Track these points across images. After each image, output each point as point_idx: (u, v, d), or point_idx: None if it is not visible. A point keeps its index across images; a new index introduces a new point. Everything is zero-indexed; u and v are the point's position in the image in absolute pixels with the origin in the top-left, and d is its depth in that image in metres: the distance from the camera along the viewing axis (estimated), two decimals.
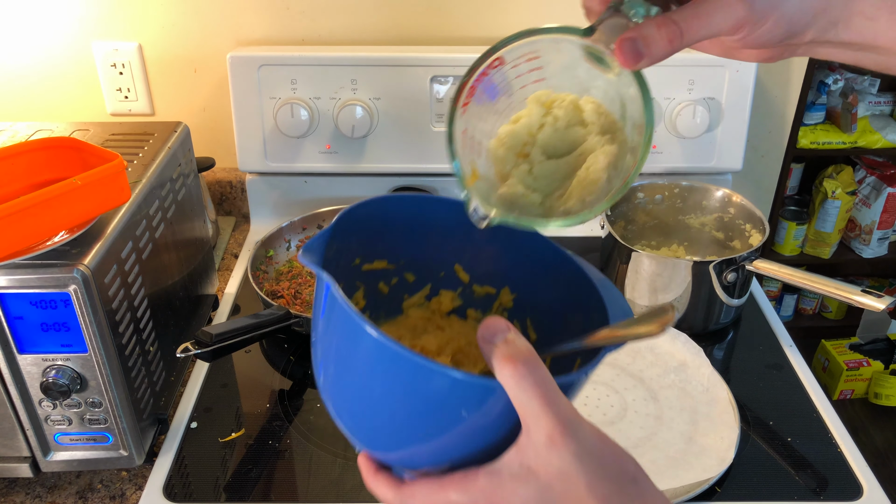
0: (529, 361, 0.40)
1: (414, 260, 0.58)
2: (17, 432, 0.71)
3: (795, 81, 1.24)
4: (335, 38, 1.19)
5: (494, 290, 0.59)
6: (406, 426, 0.44)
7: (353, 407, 0.47)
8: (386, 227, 0.55)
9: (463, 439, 0.43)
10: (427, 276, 0.59)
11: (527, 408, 0.39)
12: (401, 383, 0.42)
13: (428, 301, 0.59)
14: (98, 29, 1.16)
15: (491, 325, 0.42)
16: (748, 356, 0.97)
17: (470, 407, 0.41)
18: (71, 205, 0.65)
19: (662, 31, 0.42)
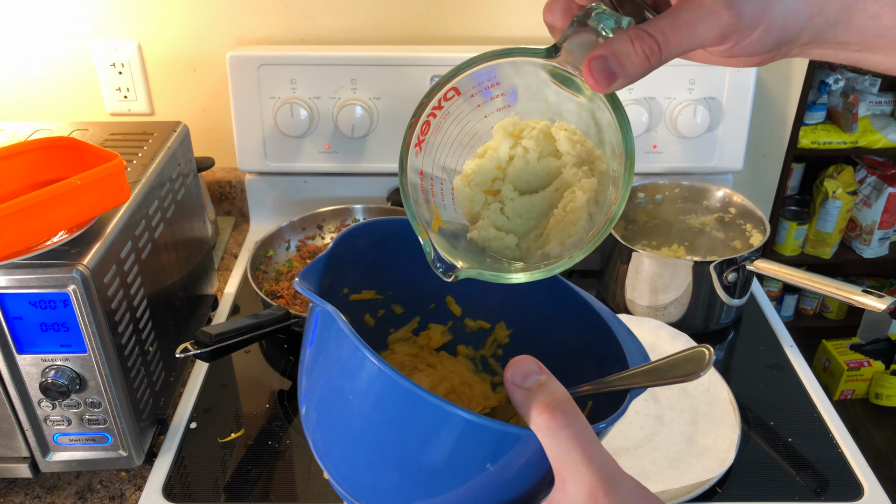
0: (569, 411, 0.36)
1: (403, 290, 0.54)
2: (16, 433, 0.71)
3: (796, 81, 1.24)
4: (335, 38, 1.19)
5: (489, 324, 0.55)
6: (416, 477, 0.38)
7: (350, 455, 0.40)
8: (382, 253, 0.51)
9: (481, 494, 0.38)
10: (416, 308, 0.55)
11: (565, 461, 0.36)
12: (414, 428, 0.37)
13: (416, 336, 0.55)
14: (97, 28, 1.16)
15: (522, 366, 0.38)
16: (749, 356, 0.97)
17: (493, 457, 0.37)
18: (70, 205, 0.65)
19: (637, 47, 0.36)
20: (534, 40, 1.19)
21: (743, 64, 0.43)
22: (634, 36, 0.36)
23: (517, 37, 1.19)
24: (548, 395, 0.37)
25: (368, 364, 0.36)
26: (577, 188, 0.42)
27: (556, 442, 0.36)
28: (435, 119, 0.42)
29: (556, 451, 0.36)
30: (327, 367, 0.40)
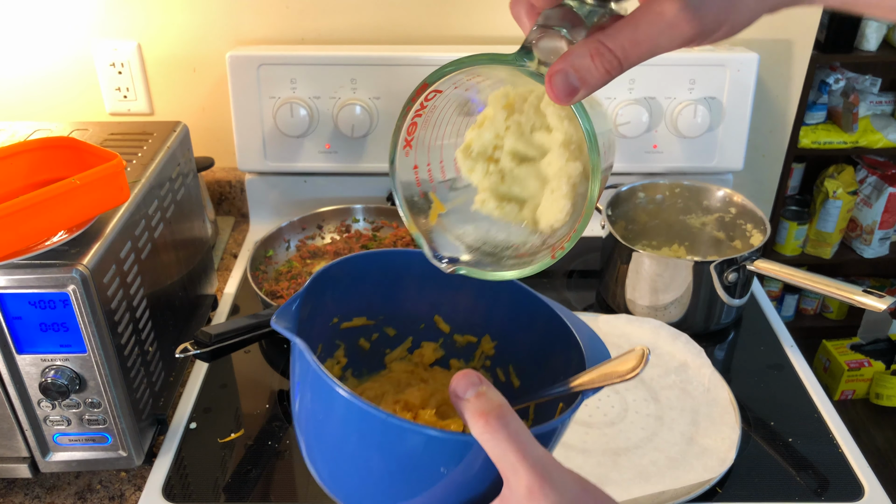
0: (502, 415, 0.39)
1: (393, 314, 0.58)
2: (15, 433, 0.71)
3: (796, 81, 1.24)
4: (335, 38, 1.19)
5: (476, 338, 0.58)
6: (387, 485, 0.44)
7: (333, 468, 0.46)
8: (360, 284, 0.55)
9: (446, 495, 0.42)
10: (407, 329, 0.58)
11: (503, 461, 0.39)
12: (376, 442, 0.42)
13: (410, 354, 0.59)
14: (97, 28, 1.16)
15: (462, 380, 0.41)
16: (749, 356, 0.97)
17: (449, 463, 0.41)
18: (70, 204, 0.65)
19: (597, 62, 0.37)
20: None
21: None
22: (594, 51, 0.36)
23: (517, 36, 1.18)
24: (485, 402, 0.40)
25: (329, 388, 0.41)
26: (564, 174, 0.43)
27: (493, 444, 0.39)
28: (421, 118, 0.43)
29: (494, 453, 0.39)
30: (304, 391, 0.46)
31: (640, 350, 0.44)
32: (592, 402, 0.86)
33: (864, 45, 1.87)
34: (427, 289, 0.56)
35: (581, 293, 1.08)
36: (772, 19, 1.30)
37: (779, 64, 1.22)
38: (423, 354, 0.59)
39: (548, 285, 1.10)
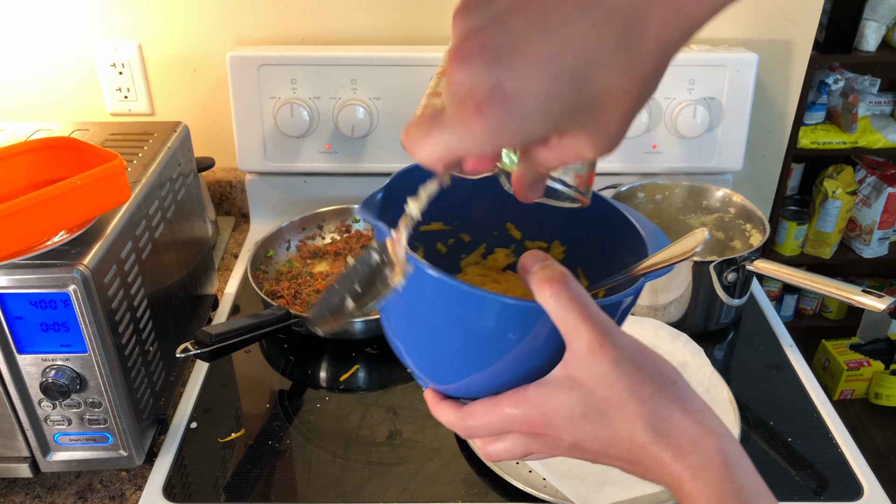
0: (564, 280, 0.42)
1: (467, 221, 0.61)
2: (16, 432, 0.71)
3: (796, 81, 1.24)
4: (335, 38, 1.19)
5: (546, 244, 0.62)
6: (463, 355, 0.47)
7: (415, 343, 0.50)
8: (436, 195, 0.54)
9: (515, 364, 0.45)
10: (481, 235, 0.62)
11: (566, 322, 0.42)
12: (456, 313, 0.45)
13: (484, 259, 0.63)
14: (98, 29, 1.16)
15: (529, 257, 0.44)
16: (748, 356, 0.97)
17: (518, 330, 0.44)
18: (70, 205, 0.65)
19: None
20: None
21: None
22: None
23: None
24: (549, 271, 0.43)
25: (416, 267, 0.44)
26: None
27: (557, 307, 0.42)
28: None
29: (558, 315, 0.42)
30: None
31: (698, 232, 0.47)
32: None
33: (864, 46, 1.87)
34: (499, 198, 0.57)
35: None
36: (771, 19, 1.31)
37: (778, 64, 1.22)
38: (497, 259, 0.62)
39: None
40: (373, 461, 0.79)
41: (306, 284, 1.01)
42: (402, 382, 0.91)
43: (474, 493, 0.76)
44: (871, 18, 1.85)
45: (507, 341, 0.45)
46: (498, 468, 0.76)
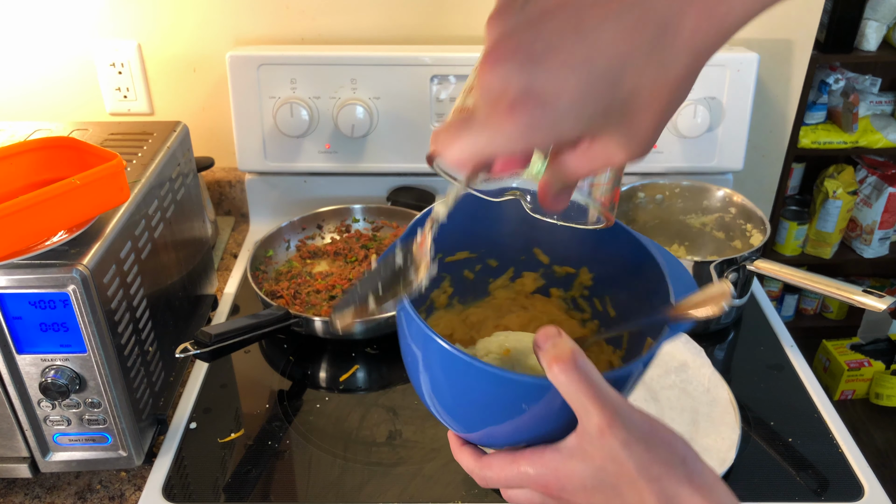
0: (574, 360, 0.43)
1: (494, 247, 0.61)
2: (15, 433, 0.71)
3: (796, 81, 1.24)
4: (335, 38, 1.19)
5: (574, 269, 0.61)
6: (482, 410, 0.49)
7: (435, 391, 0.52)
8: (460, 222, 0.56)
9: (532, 425, 0.47)
10: (509, 260, 0.62)
11: (576, 402, 0.43)
12: (471, 382, 0.47)
13: (512, 282, 0.63)
14: (97, 28, 1.16)
15: (542, 334, 0.46)
16: (749, 356, 0.97)
17: (531, 401, 0.46)
18: (70, 204, 0.65)
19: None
20: None
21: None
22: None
23: None
24: (559, 349, 0.43)
25: (428, 338, 0.47)
26: None
27: (567, 387, 0.43)
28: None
29: (568, 395, 0.43)
30: (406, 334, 0.51)
31: (723, 286, 0.47)
32: None
33: (864, 45, 1.87)
34: (524, 223, 0.58)
35: None
36: (772, 19, 1.31)
37: (779, 64, 1.22)
38: (525, 283, 0.63)
39: None
40: (372, 461, 0.79)
41: (306, 284, 1.01)
42: (402, 382, 0.91)
43: (474, 493, 0.76)
44: (872, 18, 1.84)
45: (522, 409, 0.47)
46: None
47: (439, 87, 1.13)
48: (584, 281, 0.61)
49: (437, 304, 0.63)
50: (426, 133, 1.16)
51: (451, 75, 1.12)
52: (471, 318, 0.63)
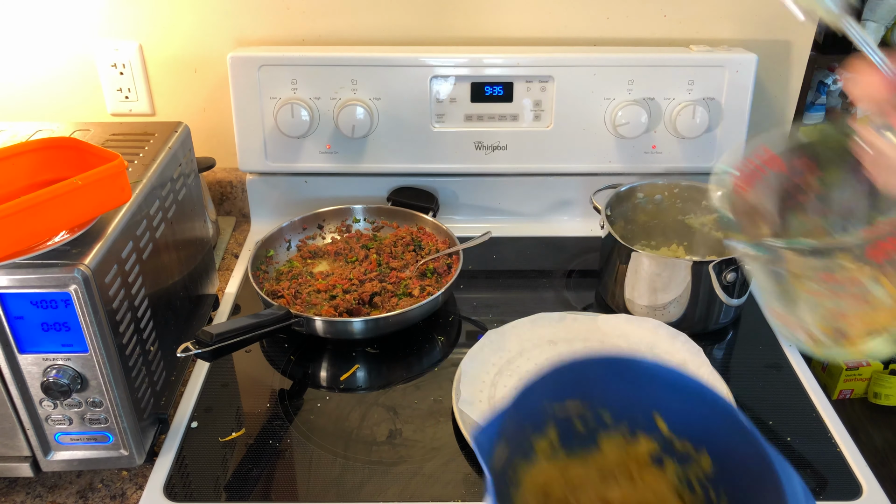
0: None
1: (609, 401, 0.55)
2: (17, 432, 0.71)
3: (795, 81, 1.24)
4: (335, 38, 1.19)
5: (694, 449, 0.55)
6: None
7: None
8: (575, 376, 0.54)
9: None
10: (624, 417, 0.56)
11: None
12: None
13: (626, 443, 0.56)
14: (98, 29, 1.16)
15: None
16: (748, 356, 0.97)
17: None
18: (71, 205, 0.65)
19: None
20: (532, 41, 1.19)
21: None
22: None
23: (517, 37, 1.19)
24: None
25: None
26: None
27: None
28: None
29: None
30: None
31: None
32: None
33: None
34: (641, 382, 0.54)
35: (580, 293, 1.08)
36: (770, 20, 1.30)
37: (777, 64, 1.22)
38: (638, 448, 0.56)
39: (547, 285, 1.10)
40: (373, 461, 0.79)
41: (307, 284, 1.01)
42: (402, 382, 0.91)
43: (474, 492, 0.76)
44: (870, 19, 1.85)
45: None
46: None
47: (439, 88, 1.14)
48: (704, 466, 0.55)
49: (537, 451, 0.55)
50: (426, 133, 1.16)
51: (452, 75, 1.13)
52: (572, 473, 0.55)
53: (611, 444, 0.57)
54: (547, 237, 1.22)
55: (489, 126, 1.16)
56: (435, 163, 1.18)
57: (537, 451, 0.55)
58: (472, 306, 1.05)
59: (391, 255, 1.07)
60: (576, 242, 1.20)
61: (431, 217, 1.13)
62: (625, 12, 1.18)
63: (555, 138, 1.16)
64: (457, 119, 1.16)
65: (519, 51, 1.14)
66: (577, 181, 1.22)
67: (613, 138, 1.16)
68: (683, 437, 0.55)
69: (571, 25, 1.18)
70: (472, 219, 1.24)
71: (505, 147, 1.17)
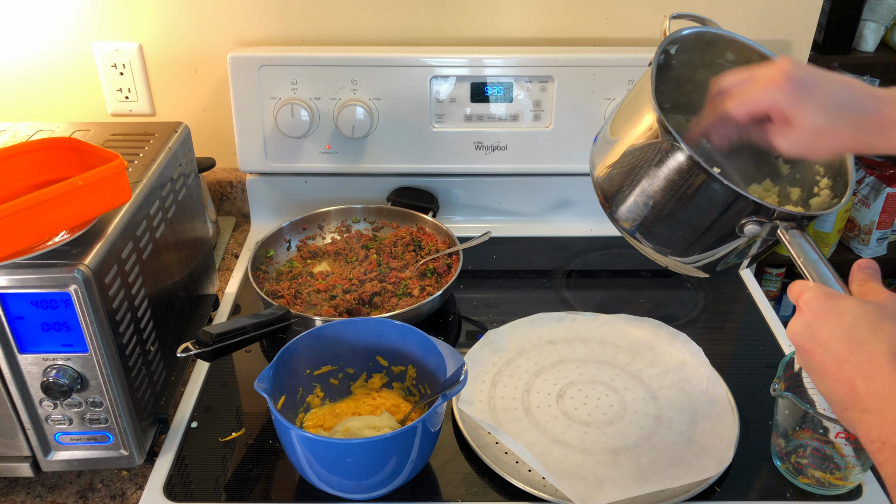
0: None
1: (349, 358, 0.84)
2: (17, 432, 0.71)
3: None
4: (335, 38, 1.19)
5: (404, 367, 0.84)
6: (329, 470, 0.73)
7: (313, 471, 0.73)
8: (320, 347, 0.82)
9: (357, 471, 0.72)
10: (361, 367, 0.85)
11: None
12: (318, 451, 0.71)
13: (366, 382, 0.85)
14: (98, 29, 1.17)
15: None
16: (748, 356, 0.97)
17: (355, 457, 0.71)
18: (71, 205, 0.65)
19: None
20: (533, 41, 1.19)
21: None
22: None
23: (517, 38, 1.19)
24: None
25: (288, 430, 0.69)
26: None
27: None
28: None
29: None
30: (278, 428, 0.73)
31: None
32: (591, 400, 0.87)
33: (863, 46, 1.87)
34: (367, 340, 0.83)
35: (580, 293, 1.08)
36: (770, 20, 1.30)
37: None
38: (374, 382, 0.85)
39: (547, 285, 1.10)
40: None
41: (307, 284, 1.01)
42: None
43: (474, 492, 0.76)
44: (870, 19, 1.85)
45: (345, 463, 0.70)
46: (498, 468, 0.76)
47: (439, 88, 1.14)
48: (412, 374, 0.83)
49: (312, 405, 0.83)
50: (426, 134, 1.16)
51: (452, 76, 1.13)
52: (337, 410, 0.82)
53: (357, 386, 0.85)
54: (547, 237, 1.22)
55: (489, 126, 1.16)
56: (435, 163, 1.18)
57: (311, 405, 0.83)
58: (472, 306, 1.05)
59: (391, 255, 1.07)
60: (576, 242, 1.20)
61: (431, 217, 1.13)
62: (625, 12, 1.18)
63: (555, 138, 1.16)
64: (457, 119, 1.16)
65: (519, 51, 1.14)
66: (577, 181, 1.22)
67: None
68: (397, 364, 0.84)
69: (571, 25, 1.18)
70: (472, 219, 1.24)
71: (505, 147, 1.17)
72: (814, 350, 0.53)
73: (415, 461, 0.73)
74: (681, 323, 1.02)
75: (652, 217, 0.71)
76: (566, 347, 0.95)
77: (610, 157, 0.74)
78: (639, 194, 0.71)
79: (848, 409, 0.51)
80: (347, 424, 0.79)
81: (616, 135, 0.75)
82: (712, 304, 1.07)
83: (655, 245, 0.72)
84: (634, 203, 0.71)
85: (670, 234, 0.71)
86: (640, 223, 0.72)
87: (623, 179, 0.72)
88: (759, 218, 0.66)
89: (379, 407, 0.82)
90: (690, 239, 0.71)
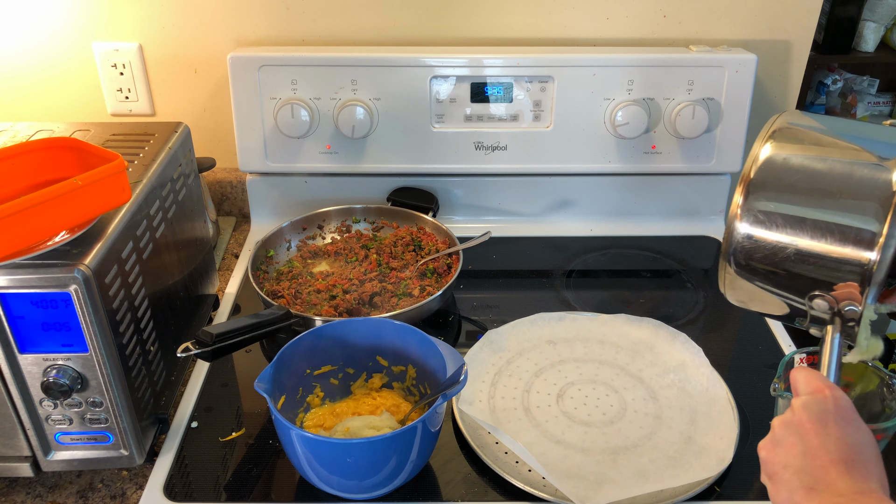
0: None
1: (349, 358, 0.84)
2: (17, 432, 0.71)
3: (795, 82, 1.24)
4: (335, 39, 1.19)
5: (404, 367, 0.84)
6: (344, 474, 0.71)
7: (311, 469, 0.72)
8: (320, 346, 0.82)
9: (357, 471, 0.72)
10: (361, 367, 0.85)
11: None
12: (318, 451, 0.70)
13: (366, 382, 0.86)
14: (98, 29, 1.17)
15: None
16: (748, 356, 0.97)
17: (356, 456, 0.69)
18: (72, 205, 0.66)
19: None
20: (533, 41, 1.19)
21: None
22: None
23: (517, 38, 1.19)
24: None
25: (286, 428, 0.70)
26: None
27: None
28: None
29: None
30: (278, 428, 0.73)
31: None
32: (591, 400, 0.87)
33: (862, 46, 1.87)
34: (369, 340, 0.83)
35: (580, 293, 1.09)
36: (770, 20, 1.31)
37: (777, 65, 1.23)
38: (374, 382, 0.85)
39: (547, 285, 1.11)
40: None
41: (307, 284, 1.01)
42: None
43: (474, 492, 0.76)
44: (870, 19, 1.85)
45: (345, 463, 0.70)
46: (498, 468, 0.76)
47: (439, 88, 1.14)
48: (412, 374, 0.83)
49: (312, 405, 0.83)
50: (426, 133, 1.16)
51: (452, 76, 1.13)
52: (337, 410, 0.82)
53: (357, 386, 0.85)
54: (547, 237, 1.22)
55: (489, 126, 1.16)
56: (435, 163, 1.18)
57: (311, 405, 0.83)
58: (472, 306, 1.05)
59: (391, 255, 1.08)
60: (576, 242, 1.20)
61: (431, 217, 1.13)
62: (625, 12, 1.18)
63: (555, 138, 1.16)
64: (457, 119, 1.16)
65: (519, 51, 1.14)
66: (577, 181, 1.22)
67: (613, 138, 1.16)
68: (397, 364, 0.84)
69: (571, 25, 1.19)
70: (472, 219, 1.24)
71: (505, 147, 1.17)
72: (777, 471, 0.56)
73: (415, 461, 0.73)
74: (681, 323, 1.02)
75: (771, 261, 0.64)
76: (566, 347, 0.95)
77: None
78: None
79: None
80: (347, 424, 0.79)
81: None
82: (712, 305, 1.07)
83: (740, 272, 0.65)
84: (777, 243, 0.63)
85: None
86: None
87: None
88: (829, 302, 0.62)
89: (379, 407, 0.82)
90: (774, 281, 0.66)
